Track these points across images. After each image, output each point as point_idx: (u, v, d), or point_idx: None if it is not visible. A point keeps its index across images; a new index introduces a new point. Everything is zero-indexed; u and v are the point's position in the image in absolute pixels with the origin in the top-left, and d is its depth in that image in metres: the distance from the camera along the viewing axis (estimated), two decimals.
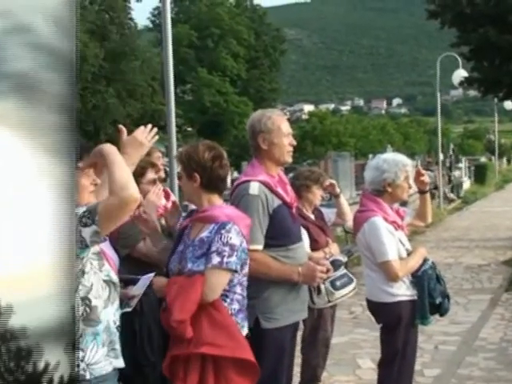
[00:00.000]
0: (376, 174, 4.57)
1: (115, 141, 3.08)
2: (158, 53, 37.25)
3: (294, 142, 3.96)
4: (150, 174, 4.10)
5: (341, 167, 19.33)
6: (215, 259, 3.25)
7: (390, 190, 4.54)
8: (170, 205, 4.68)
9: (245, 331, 3.44)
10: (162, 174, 5.14)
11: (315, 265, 3.82)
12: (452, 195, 28.22)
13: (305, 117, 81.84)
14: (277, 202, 3.80)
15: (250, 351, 3.30)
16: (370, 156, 44.52)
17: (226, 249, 3.27)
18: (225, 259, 3.25)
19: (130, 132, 3.22)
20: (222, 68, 48.23)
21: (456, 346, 7.28)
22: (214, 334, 3.19)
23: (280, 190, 3.85)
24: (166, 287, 3.30)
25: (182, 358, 3.19)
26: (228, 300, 3.35)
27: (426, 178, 4.74)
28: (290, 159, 3.95)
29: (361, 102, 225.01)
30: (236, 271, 3.31)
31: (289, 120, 4.11)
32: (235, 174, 37.98)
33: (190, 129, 46.20)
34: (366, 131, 62.96)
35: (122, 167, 2.68)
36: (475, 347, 7.24)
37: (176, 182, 7.43)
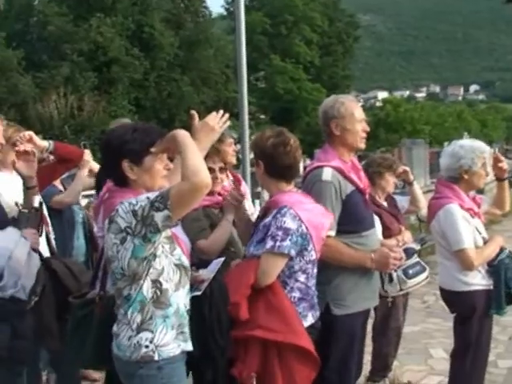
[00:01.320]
0: (452, 160, 4.48)
1: (189, 128, 3.11)
2: (231, 40, 37.41)
3: (367, 128, 3.92)
4: (209, 162, 4.10)
5: (415, 155, 18.99)
6: (268, 243, 3.27)
7: (466, 177, 4.45)
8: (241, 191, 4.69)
9: (308, 321, 3.42)
10: (234, 160, 5.16)
11: (388, 251, 3.77)
12: None
13: (378, 104, 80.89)
14: (350, 188, 3.77)
15: (308, 340, 3.28)
16: (446, 144, 43.82)
17: (280, 233, 3.27)
18: (277, 243, 3.26)
19: (202, 119, 3.24)
20: (295, 55, 48.10)
21: None
22: (269, 317, 3.19)
23: (353, 176, 3.82)
24: (229, 271, 3.34)
25: (242, 339, 3.21)
26: (288, 288, 3.36)
27: (505, 165, 4.61)
28: (362, 145, 3.90)
29: (437, 89, 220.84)
30: (290, 255, 3.30)
31: (362, 107, 4.06)
32: (307, 161, 37.97)
33: (262, 116, 46.32)
34: (442, 118, 61.76)
35: (195, 153, 2.70)
36: None
37: (248, 168, 7.46)
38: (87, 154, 5.03)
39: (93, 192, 5.63)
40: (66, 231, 5.27)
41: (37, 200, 3.83)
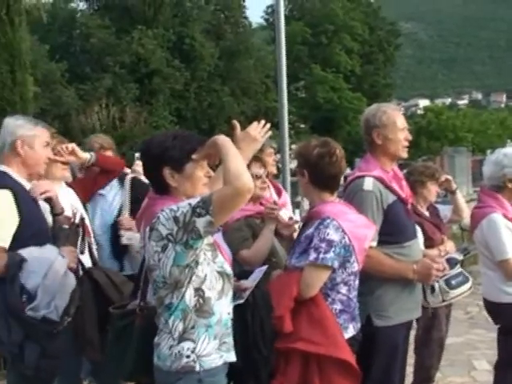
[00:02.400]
0: (496, 168, 4.43)
1: (231, 138, 3.12)
2: (271, 51, 37.52)
3: (410, 137, 3.90)
4: (254, 169, 4.11)
5: (457, 163, 18.84)
6: (312, 255, 3.26)
7: (510, 185, 4.40)
8: (281, 201, 4.70)
9: (349, 333, 3.40)
10: (274, 170, 5.16)
11: (431, 262, 3.73)
12: None
13: (420, 112, 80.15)
14: (391, 198, 3.74)
15: (350, 352, 3.26)
16: (489, 151, 43.23)
17: (323, 245, 3.26)
18: (320, 255, 3.25)
19: (243, 129, 3.25)
20: (336, 64, 47.97)
21: None
22: (311, 330, 3.18)
23: (395, 186, 3.79)
24: (271, 282, 3.33)
25: (283, 351, 3.20)
26: (329, 299, 3.34)
27: None
28: (405, 154, 3.88)
29: (479, 96, 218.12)
30: (333, 268, 3.28)
31: (404, 115, 4.04)
32: (348, 171, 37.80)
33: (302, 125, 46.26)
34: (485, 126, 60.92)
35: (237, 157, 2.70)
36: None
37: (288, 178, 7.46)
38: (138, 165, 5.09)
39: None
40: None
41: (78, 215, 3.85)
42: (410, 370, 5.02)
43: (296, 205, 9.24)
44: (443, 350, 5.48)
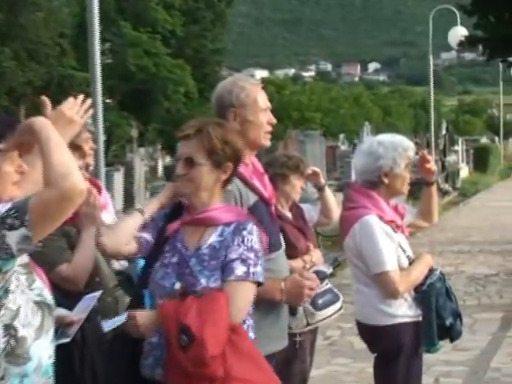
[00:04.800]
0: (369, 160, 4.58)
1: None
2: (65, 1, 36.85)
3: (274, 120, 3.96)
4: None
5: (309, 150, 19.35)
6: (240, 269, 3.28)
7: (386, 180, 4.56)
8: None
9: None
10: (91, 161, 5.09)
11: (302, 279, 3.80)
12: (447, 186, 28.63)
13: None
14: (253, 198, 3.79)
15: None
16: (341, 136, 44.93)
17: (251, 255, 3.31)
18: (251, 269, 3.29)
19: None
20: (152, 22, 47.90)
21: (462, 379, 7.40)
22: (242, 366, 3.19)
23: (256, 183, 3.84)
24: (180, 316, 3.18)
25: None
26: (244, 326, 3.37)
27: (433, 166, 4.78)
28: (267, 142, 3.94)
29: (328, 67, 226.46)
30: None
31: None
32: (167, 160, 37.71)
33: (108, 100, 45.82)
34: (336, 104, 63.46)
35: (61, 147, 2.63)
36: (487, 379, 7.37)
37: (103, 171, 7.37)
38: None
39: None
40: None
41: None
42: None
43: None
44: None
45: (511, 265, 13.72)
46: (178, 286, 3.31)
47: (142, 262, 3.58)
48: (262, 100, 3.93)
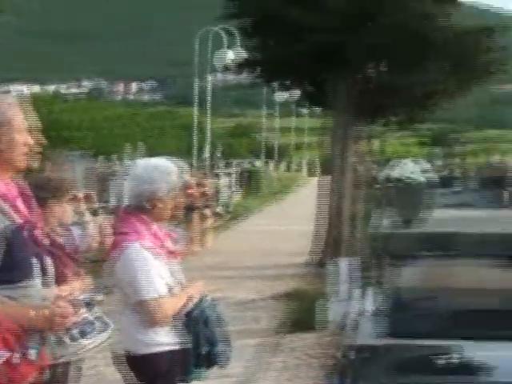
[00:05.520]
0: (133, 184, 4.67)
1: None
2: None
3: (31, 141, 3.88)
4: None
5: (78, 171, 19.15)
6: None
7: (158, 205, 4.64)
8: None
9: None
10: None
11: (55, 307, 3.76)
12: (219, 209, 29.09)
13: None
14: (3, 222, 3.73)
15: None
16: (100, 157, 44.58)
17: None
18: None
19: None
20: None
21: None
22: None
23: (7, 206, 3.78)
24: None
25: None
26: None
27: (208, 190, 4.91)
28: (23, 164, 3.85)
29: (101, 84, 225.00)
30: None
31: None
32: None
33: None
34: (109, 123, 62.92)
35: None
36: None
37: None
38: None
39: None
40: None
41: None
42: None
43: None
44: None
45: (279, 289, 14.10)
46: None
47: None
48: (19, 119, 3.87)
